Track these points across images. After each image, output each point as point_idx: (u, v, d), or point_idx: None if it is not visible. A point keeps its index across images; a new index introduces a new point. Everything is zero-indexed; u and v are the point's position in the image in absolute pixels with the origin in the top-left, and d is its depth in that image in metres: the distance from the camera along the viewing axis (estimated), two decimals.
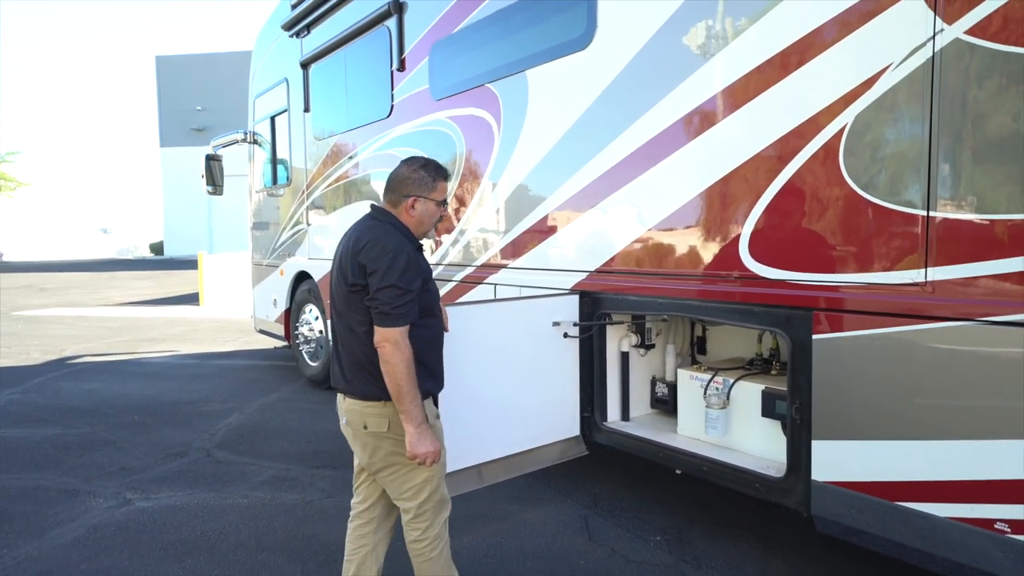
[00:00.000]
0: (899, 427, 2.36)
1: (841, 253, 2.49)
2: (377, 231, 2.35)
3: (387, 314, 2.24)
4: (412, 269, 2.29)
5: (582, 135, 3.54)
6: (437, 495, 2.48)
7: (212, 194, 8.05)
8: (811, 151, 2.56)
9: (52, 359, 8.60)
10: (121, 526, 3.66)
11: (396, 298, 2.24)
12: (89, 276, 22.11)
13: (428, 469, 2.41)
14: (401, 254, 2.28)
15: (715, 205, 2.94)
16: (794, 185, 2.63)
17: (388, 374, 2.25)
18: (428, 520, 2.47)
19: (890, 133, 2.36)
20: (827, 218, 2.54)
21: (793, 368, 2.69)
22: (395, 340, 2.24)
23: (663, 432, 3.58)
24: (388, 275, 2.24)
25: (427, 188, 2.43)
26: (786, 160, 2.64)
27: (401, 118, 5.02)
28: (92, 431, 5.43)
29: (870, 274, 2.41)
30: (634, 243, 3.31)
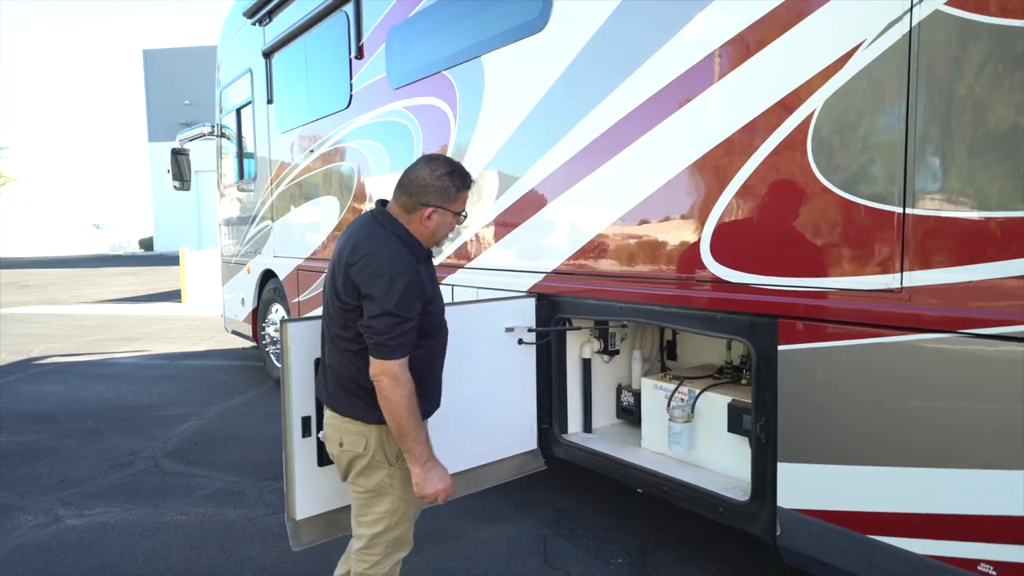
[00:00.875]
0: (873, 452, 2.10)
1: (808, 255, 2.23)
2: (377, 243, 2.05)
3: (384, 345, 1.99)
4: (412, 293, 2.02)
5: (538, 126, 3.27)
6: (395, 532, 2.24)
7: (179, 189, 7.77)
8: (776, 141, 2.29)
9: (17, 360, 8.32)
10: (44, 547, 3.39)
11: (393, 327, 1.98)
12: (74, 272, 21.79)
13: (391, 501, 2.19)
14: (400, 276, 1.99)
15: (675, 201, 2.67)
16: (758, 179, 2.36)
17: (387, 411, 2.02)
18: (379, 555, 2.24)
19: (863, 120, 2.09)
20: (793, 215, 2.27)
21: (758, 381, 2.43)
22: (393, 374, 2.00)
23: (626, 446, 3.32)
24: (385, 300, 1.97)
25: (449, 199, 2.14)
26: (749, 151, 2.37)
27: (360, 109, 4.74)
28: (40, 439, 5.16)
29: (840, 278, 2.14)
30: (592, 242, 3.04)
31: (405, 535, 2.29)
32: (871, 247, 2.07)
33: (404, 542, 2.30)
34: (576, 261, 3.13)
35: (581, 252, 3.10)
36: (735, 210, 2.44)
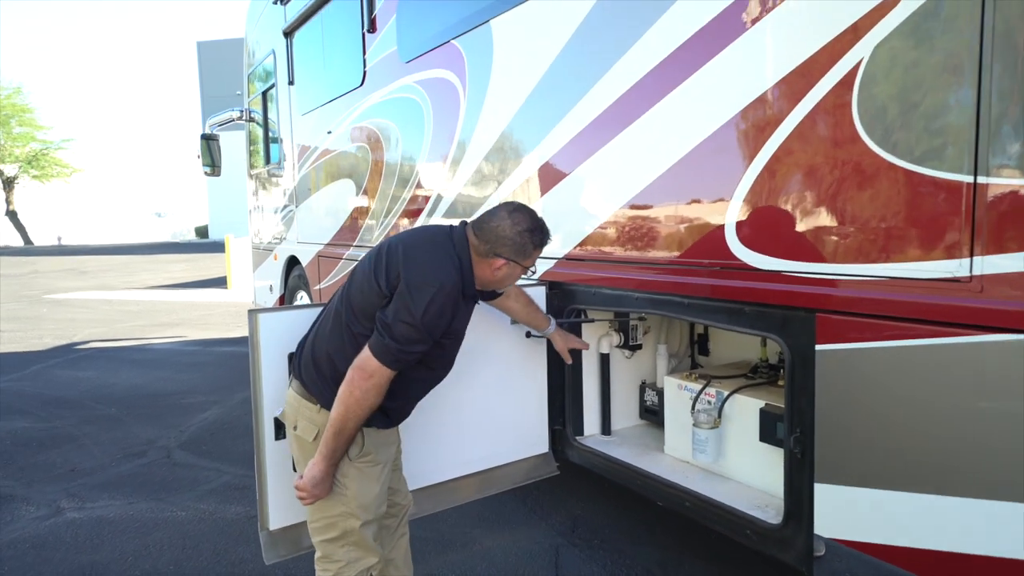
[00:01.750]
0: (936, 478, 1.72)
1: (853, 236, 1.85)
2: (439, 257, 1.95)
3: (389, 351, 1.86)
4: (443, 318, 1.91)
5: (548, 95, 2.93)
6: (352, 538, 2.06)
7: (210, 175, 7.70)
8: (815, 99, 1.90)
9: (60, 344, 8.47)
10: (39, 542, 3.29)
11: (410, 341, 1.87)
12: (130, 259, 22.46)
13: (345, 503, 2.04)
14: (442, 296, 1.89)
15: (696, 176, 2.31)
16: (793, 145, 1.98)
17: (343, 402, 1.89)
18: (339, 561, 2.07)
19: (923, 70, 1.69)
20: (835, 190, 1.89)
21: (792, 386, 2.06)
22: (378, 383, 1.88)
23: (647, 451, 2.98)
24: (416, 309, 1.85)
25: (522, 255, 2.04)
26: (783, 112, 1.99)
27: (373, 86, 4.48)
28: (62, 425, 5.14)
29: (892, 265, 1.76)
30: (605, 224, 2.70)
31: (365, 542, 2.08)
32: (931, 226, 1.68)
33: (366, 550, 2.09)
34: (588, 246, 2.79)
35: (594, 235, 2.76)
36: (765, 185, 2.07)
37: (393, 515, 2.35)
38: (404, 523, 2.41)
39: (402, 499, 2.37)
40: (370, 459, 2.06)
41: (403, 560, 2.39)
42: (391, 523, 2.35)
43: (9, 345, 8.48)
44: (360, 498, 2.04)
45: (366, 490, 2.06)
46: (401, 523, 2.39)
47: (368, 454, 2.05)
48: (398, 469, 2.38)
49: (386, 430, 2.12)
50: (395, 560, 2.37)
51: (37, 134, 37.27)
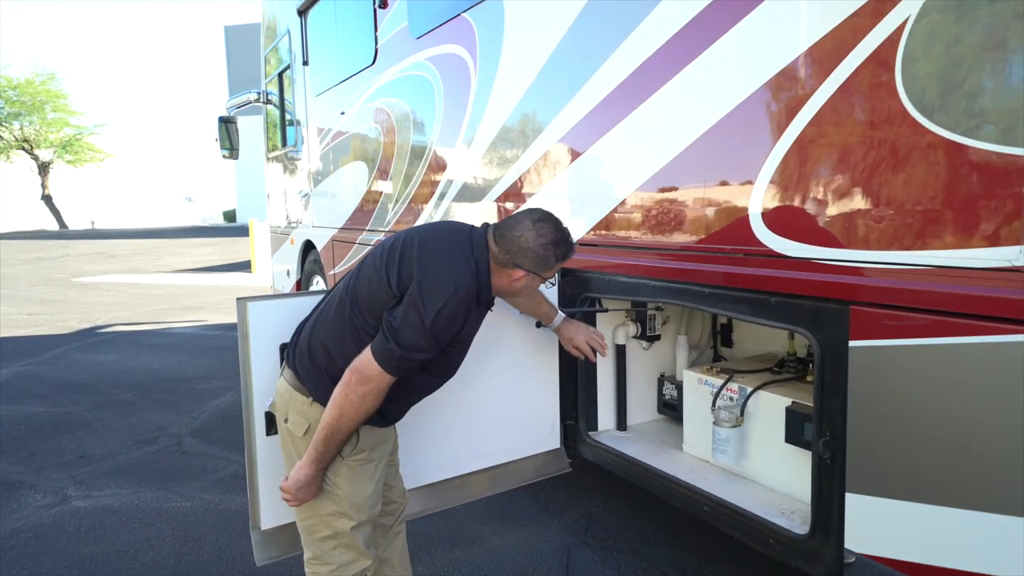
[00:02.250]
0: (985, 494, 1.53)
1: (894, 219, 1.64)
2: (456, 261, 1.82)
3: (392, 355, 1.73)
4: (453, 325, 1.79)
5: (563, 66, 2.73)
6: (343, 540, 1.95)
7: (228, 158, 7.64)
8: (853, 64, 1.69)
9: (84, 328, 8.53)
10: (42, 532, 3.24)
11: (415, 347, 1.73)
12: (159, 243, 22.73)
13: (336, 502, 1.93)
14: (453, 301, 1.76)
15: (720, 152, 2.11)
16: (827, 118, 1.77)
17: (339, 410, 1.76)
18: (332, 562, 1.96)
19: (976, 28, 1.48)
20: (873, 166, 1.68)
21: (822, 385, 1.87)
22: (378, 387, 1.76)
23: (665, 449, 2.81)
24: (427, 315, 1.73)
25: (543, 267, 1.92)
26: (816, 81, 1.78)
27: (385, 64, 4.31)
28: (77, 410, 5.12)
29: (937, 252, 1.56)
30: (620, 206, 2.51)
31: (357, 544, 1.97)
32: (986, 208, 1.47)
33: (359, 552, 1.98)
34: (601, 230, 2.61)
35: (607, 218, 2.57)
36: (794, 164, 1.86)
37: (389, 513, 2.23)
38: (400, 522, 2.29)
39: (398, 497, 2.25)
40: (363, 457, 1.94)
41: (399, 560, 2.27)
42: (386, 522, 2.23)
43: (35, 328, 8.57)
44: (352, 497, 1.93)
45: (359, 489, 1.94)
46: (397, 522, 2.27)
47: (362, 451, 1.93)
48: (394, 466, 2.25)
49: (381, 428, 2.00)
50: (391, 560, 2.25)
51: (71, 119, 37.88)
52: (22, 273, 14.87)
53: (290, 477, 1.88)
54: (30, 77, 36.19)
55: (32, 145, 37.42)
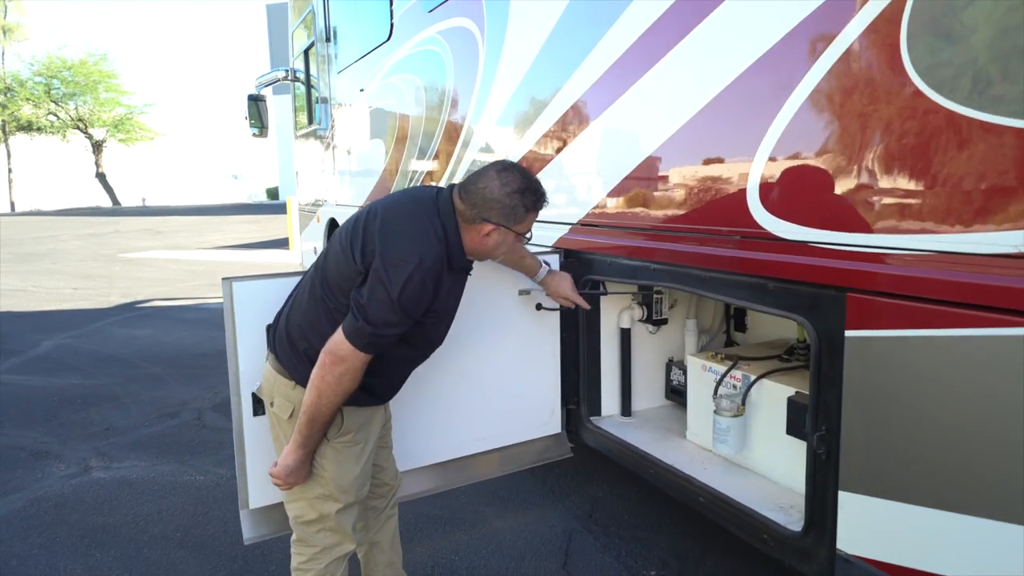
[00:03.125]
0: (987, 500, 1.42)
1: (895, 199, 1.52)
2: (417, 228, 1.74)
3: (359, 330, 1.67)
4: (423, 296, 1.72)
5: (568, 35, 2.63)
6: (328, 523, 1.94)
7: (257, 136, 7.70)
8: (855, 32, 1.56)
9: (124, 303, 8.79)
10: (61, 500, 3.34)
11: (387, 323, 1.67)
12: (203, 220, 23.27)
13: (322, 485, 1.91)
14: (419, 272, 1.67)
15: (714, 129, 1.99)
16: (827, 89, 1.65)
17: (317, 392, 1.72)
18: (315, 546, 1.96)
19: None
20: (873, 141, 1.55)
21: (819, 376, 1.77)
22: (353, 366, 1.71)
23: (668, 436, 2.73)
24: (393, 288, 1.66)
25: (514, 219, 1.81)
26: (818, 50, 1.65)
27: (400, 39, 4.25)
28: (108, 383, 5.28)
29: (938, 236, 1.43)
30: (619, 185, 2.41)
31: (342, 527, 1.95)
32: (991, 187, 1.34)
33: (343, 536, 1.97)
34: (602, 210, 2.52)
35: (607, 198, 2.48)
36: (792, 138, 1.74)
37: (380, 496, 2.21)
38: (393, 505, 2.27)
39: (390, 479, 2.23)
40: (349, 439, 1.90)
41: (389, 543, 2.26)
42: (378, 504, 2.22)
43: (78, 302, 8.87)
44: (338, 480, 1.91)
45: (345, 471, 1.91)
46: (389, 505, 2.25)
47: (347, 433, 1.89)
48: (387, 447, 2.23)
49: (368, 408, 1.95)
50: (380, 543, 2.24)
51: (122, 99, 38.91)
52: (73, 248, 15.41)
53: (279, 462, 1.86)
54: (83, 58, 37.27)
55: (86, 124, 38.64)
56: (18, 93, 36.42)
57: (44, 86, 37.05)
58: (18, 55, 43.37)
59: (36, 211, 35.22)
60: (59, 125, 38.25)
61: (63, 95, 37.64)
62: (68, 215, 29.12)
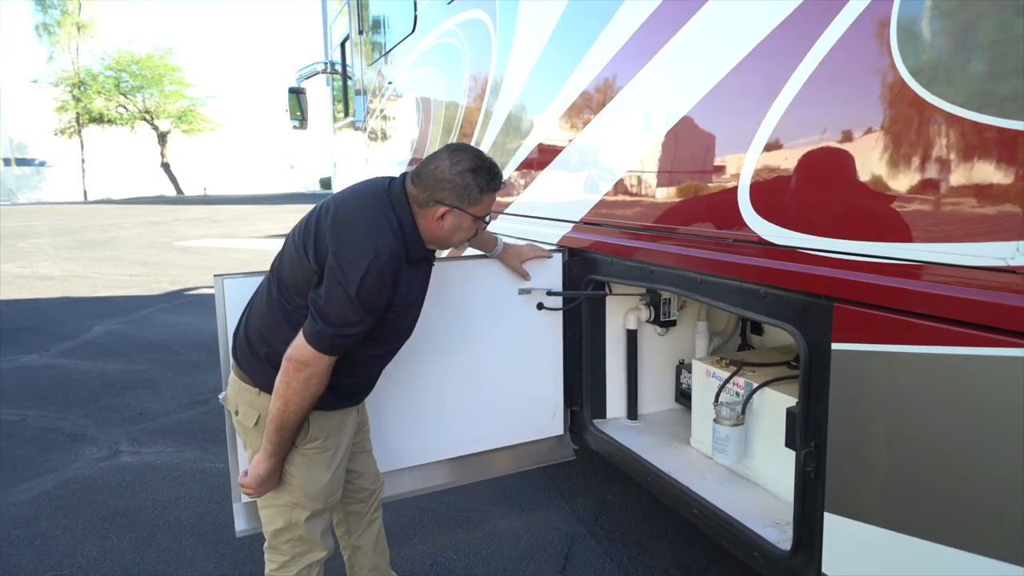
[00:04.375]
0: (977, 532, 1.31)
1: (878, 205, 1.41)
2: (371, 220, 1.70)
3: (320, 333, 1.64)
4: (383, 291, 1.66)
5: (575, 23, 2.55)
6: (298, 531, 1.91)
7: (298, 128, 7.84)
8: (844, 24, 1.45)
9: (173, 290, 9.12)
10: (90, 483, 3.48)
11: (343, 315, 1.63)
12: (257, 209, 23.95)
13: (290, 493, 1.88)
14: (375, 267, 1.63)
15: (706, 126, 1.90)
16: (816, 85, 1.54)
17: (283, 399, 1.69)
18: (285, 554, 1.93)
19: None
20: (863, 142, 1.44)
21: (808, 390, 1.67)
22: (318, 370, 1.67)
23: (672, 441, 2.65)
24: (348, 285, 1.61)
25: (468, 200, 1.75)
26: (806, 43, 1.54)
27: (423, 32, 4.23)
28: (147, 368, 5.48)
29: (924, 245, 1.32)
30: (618, 183, 2.34)
31: (311, 535, 1.92)
32: (982, 193, 1.22)
33: (312, 543, 1.93)
34: (603, 208, 2.44)
35: (607, 196, 2.40)
36: (782, 137, 1.64)
37: (361, 500, 2.19)
38: (375, 509, 2.24)
39: (370, 483, 2.20)
40: (317, 445, 1.87)
41: (373, 547, 2.24)
42: (359, 508, 2.20)
43: (131, 289, 9.24)
44: (307, 487, 1.87)
45: (313, 479, 1.88)
46: (372, 509, 2.23)
47: (315, 440, 1.86)
48: (365, 451, 2.18)
49: (338, 412, 1.91)
50: (363, 547, 2.23)
51: (185, 91, 40.38)
52: (133, 236, 16.08)
53: (249, 471, 1.82)
54: (150, 52, 38.77)
55: (153, 116, 40.24)
56: (90, 87, 38.17)
57: (114, 80, 38.74)
58: (91, 50, 45.34)
59: (106, 200, 36.95)
60: (128, 117, 39.95)
61: (131, 88, 39.29)
62: (134, 204, 30.44)
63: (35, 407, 4.61)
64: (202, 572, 2.70)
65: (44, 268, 11.18)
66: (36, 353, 6.00)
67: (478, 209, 1.77)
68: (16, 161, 39.69)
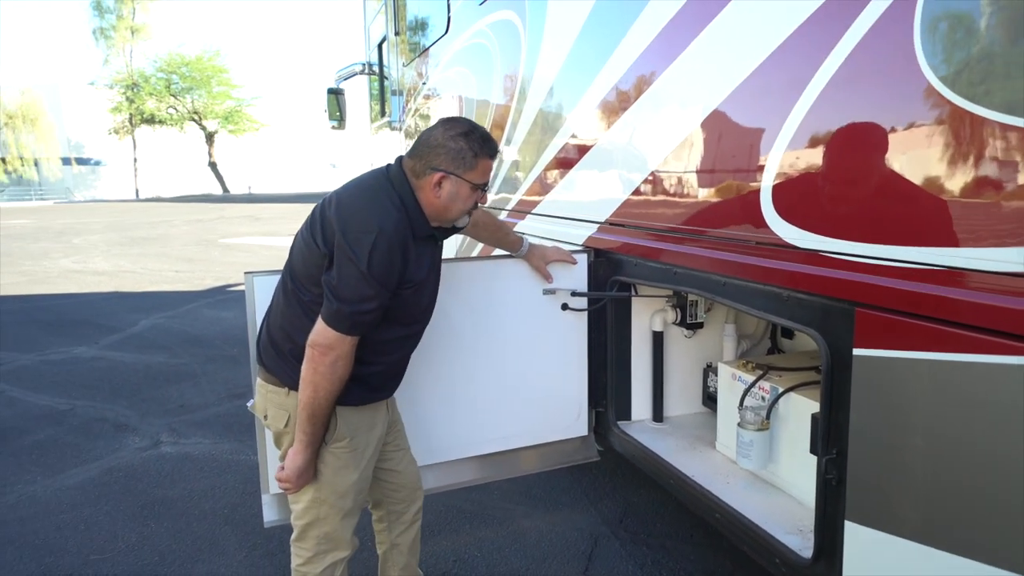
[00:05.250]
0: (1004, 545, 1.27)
1: (905, 208, 1.38)
2: (373, 200, 1.75)
3: (338, 313, 1.68)
4: (392, 264, 1.69)
5: (600, 26, 2.55)
6: (324, 527, 1.95)
7: (336, 129, 7.98)
8: (866, 24, 1.42)
9: (216, 286, 9.38)
10: (131, 472, 3.62)
11: (358, 291, 1.67)
12: (299, 207, 24.41)
13: (316, 490, 1.91)
14: (382, 239, 1.67)
15: (729, 127, 1.88)
16: (838, 86, 1.51)
17: (311, 386, 1.73)
18: (310, 550, 1.97)
19: None
20: (884, 145, 1.41)
21: (830, 395, 1.64)
22: (342, 351, 1.71)
23: (697, 445, 2.62)
24: (359, 260, 1.66)
25: (463, 165, 1.76)
26: (828, 43, 1.52)
27: (456, 32, 4.26)
28: (188, 362, 5.66)
29: (946, 250, 1.29)
30: (642, 184, 2.33)
31: (337, 533, 1.95)
32: (1007, 198, 1.19)
33: (337, 542, 1.96)
34: (627, 209, 2.43)
35: (631, 197, 2.39)
36: (804, 140, 1.61)
37: (401, 500, 2.20)
38: (416, 512, 2.24)
39: (407, 482, 2.19)
40: (345, 444, 1.89)
41: (409, 547, 2.25)
42: (398, 508, 2.21)
43: (177, 284, 9.54)
44: (335, 485, 1.90)
45: (342, 478, 1.91)
46: (410, 509, 2.22)
47: (342, 439, 1.88)
48: (402, 450, 2.20)
49: (366, 409, 1.93)
50: (400, 546, 2.24)
51: (232, 92, 41.46)
52: (181, 233, 16.59)
53: (286, 465, 1.85)
54: (199, 54, 39.91)
55: (201, 116, 41.42)
56: (143, 88, 39.48)
57: (165, 81, 40.01)
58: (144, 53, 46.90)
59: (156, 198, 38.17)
60: (177, 117, 41.21)
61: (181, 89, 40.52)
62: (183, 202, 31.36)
63: (83, 397, 4.81)
64: (234, 561, 2.79)
65: (97, 263, 11.63)
66: (86, 345, 6.24)
67: (474, 175, 1.78)
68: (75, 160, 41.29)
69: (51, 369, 5.49)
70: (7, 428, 4.23)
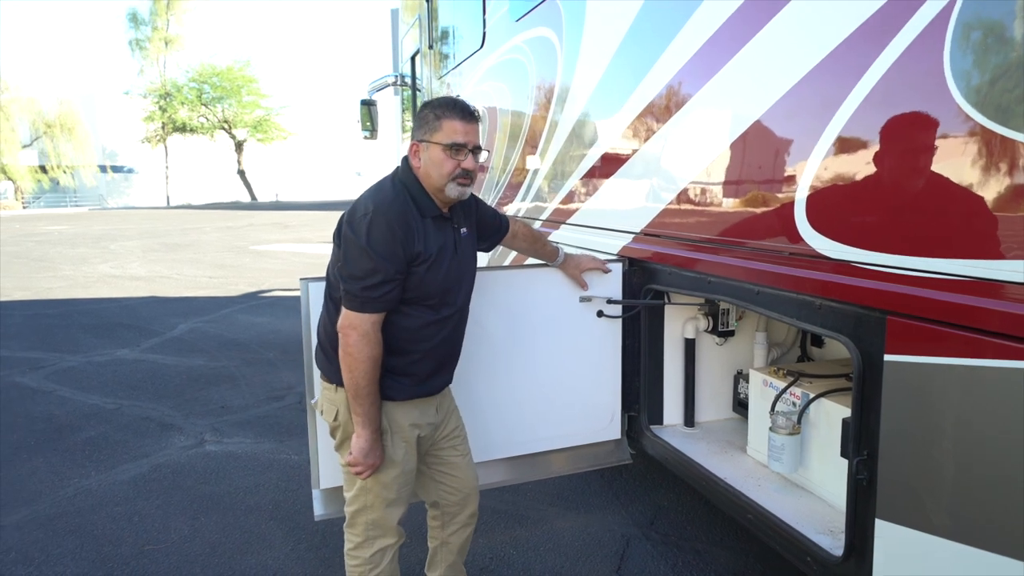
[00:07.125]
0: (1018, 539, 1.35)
1: (929, 222, 1.46)
2: (375, 188, 1.97)
3: (350, 293, 1.84)
4: (393, 237, 1.81)
5: (638, 43, 2.66)
6: (372, 514, 2.06)
7: (368, 139, 8.16)
8: (898, 49, 1.51)
9: (249, 291, 9.61)
10: (179, 469, 3.78)
11: (361, 265, 1.81)
12: (326, 215, 24.79)
13: (364, 480, 2.02)
14: (378, 215, 1.81)
15: (768, 141, 1.97)
16: (869, 108, 1.60)
17: (347, 366, 1.87)
18: (359, 536, 2.10)
19: None
20: (913, 162, 1.50)
21: (861, 400, 1.72)
22: (363, 330, 1.84)
23: (728, 449, 2.70)
24: (358, 237, 1.82)
25: (428, 129, 1.91)
26: (864, 64, 1.61)
27: (491, 47, 4.40)
28: (228, 365, 5.84)
29: (972, 261, 1.37)
30: (677, 196, 2.42)
31: (384, 520, 2.06)
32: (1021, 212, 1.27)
33: (385, 528, 2.08)
34: (663, 220, 2.53)
35: (666, 208, 2.49)
36: (837, 155, 1.70)
37: (456, 503, 2.25)
38: (469, 513, 2.28)
39: (462, 485, 2.24)
40: (387, 438, 2.00)
41: (459, 547, 2.33)
42: (454, 510, 2.27)
43: (212, 290, 9.79)
44: (378, 476, 2.01)
45: (384, 470, 2.00)
46: (464, 511, 2.27)
47: (384, 432, 1.98)
48: (460, 455, 2.25)
49: (409, 406, 2.01)
50: (451, 545, 2.31)
51: (261, 102, 42.22)
52: (212, 240, 16.95)
53: (352, 450, 1.94)
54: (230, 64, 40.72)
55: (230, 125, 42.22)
56: (175, 97, 40.38)
57: (196, 91, 40.89)
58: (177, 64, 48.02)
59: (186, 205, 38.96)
60: (208, 126, 42.04)
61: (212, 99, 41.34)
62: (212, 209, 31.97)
63: (129, 397, 5.00)
64: (281, 553, 2.92)
65: (133, 269, 11.96)
66: (128, 348, 6.47)
67: (440, 136, 1.88)
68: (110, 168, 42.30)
69: (97, 370, 5.71)
70: (62, 425, 4.43)
